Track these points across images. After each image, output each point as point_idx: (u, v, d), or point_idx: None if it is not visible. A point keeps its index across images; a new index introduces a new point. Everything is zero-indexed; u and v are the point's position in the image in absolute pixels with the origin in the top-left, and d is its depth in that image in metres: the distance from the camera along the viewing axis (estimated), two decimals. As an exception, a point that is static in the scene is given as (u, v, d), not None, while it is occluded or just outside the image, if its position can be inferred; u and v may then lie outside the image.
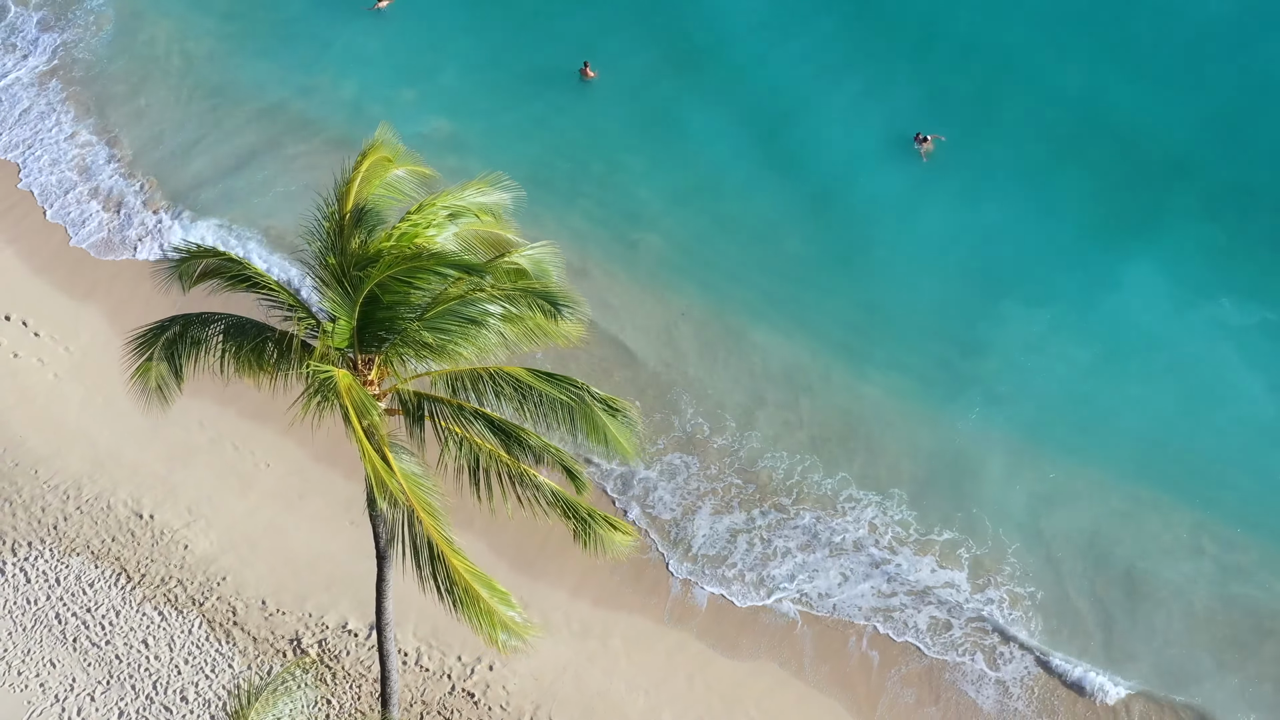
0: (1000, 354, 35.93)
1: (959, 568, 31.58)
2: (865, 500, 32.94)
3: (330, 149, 41.94)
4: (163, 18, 46.84)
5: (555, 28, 45.21)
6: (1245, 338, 35.80)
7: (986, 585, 31.28)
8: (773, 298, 37.70)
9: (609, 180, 40.97)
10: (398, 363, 19.91)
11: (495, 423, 20.13)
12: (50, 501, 32.59)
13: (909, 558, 31.78)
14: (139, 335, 20.52)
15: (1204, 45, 43.72)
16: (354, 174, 20.46)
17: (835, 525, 32.53)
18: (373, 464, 18.42)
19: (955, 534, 32.18)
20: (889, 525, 32.43)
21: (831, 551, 32.02)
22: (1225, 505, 32.58)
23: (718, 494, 33.27)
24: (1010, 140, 41.13)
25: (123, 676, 29.37)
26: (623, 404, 20.25)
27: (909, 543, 32.11)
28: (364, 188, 20.41)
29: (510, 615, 20.11)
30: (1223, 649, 30.22)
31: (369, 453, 18.46)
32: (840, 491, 33.15)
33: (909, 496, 32.94)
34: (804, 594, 31.35)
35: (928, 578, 31.41)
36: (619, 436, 19.91)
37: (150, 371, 20.05)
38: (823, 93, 43.15)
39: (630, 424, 20.10)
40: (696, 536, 32.49)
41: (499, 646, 20.06)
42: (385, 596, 23.21)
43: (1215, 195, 39.38)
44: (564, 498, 20.07)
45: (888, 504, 32.83)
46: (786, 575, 31.67)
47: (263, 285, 19.98)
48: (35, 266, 38.81)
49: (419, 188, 21.44)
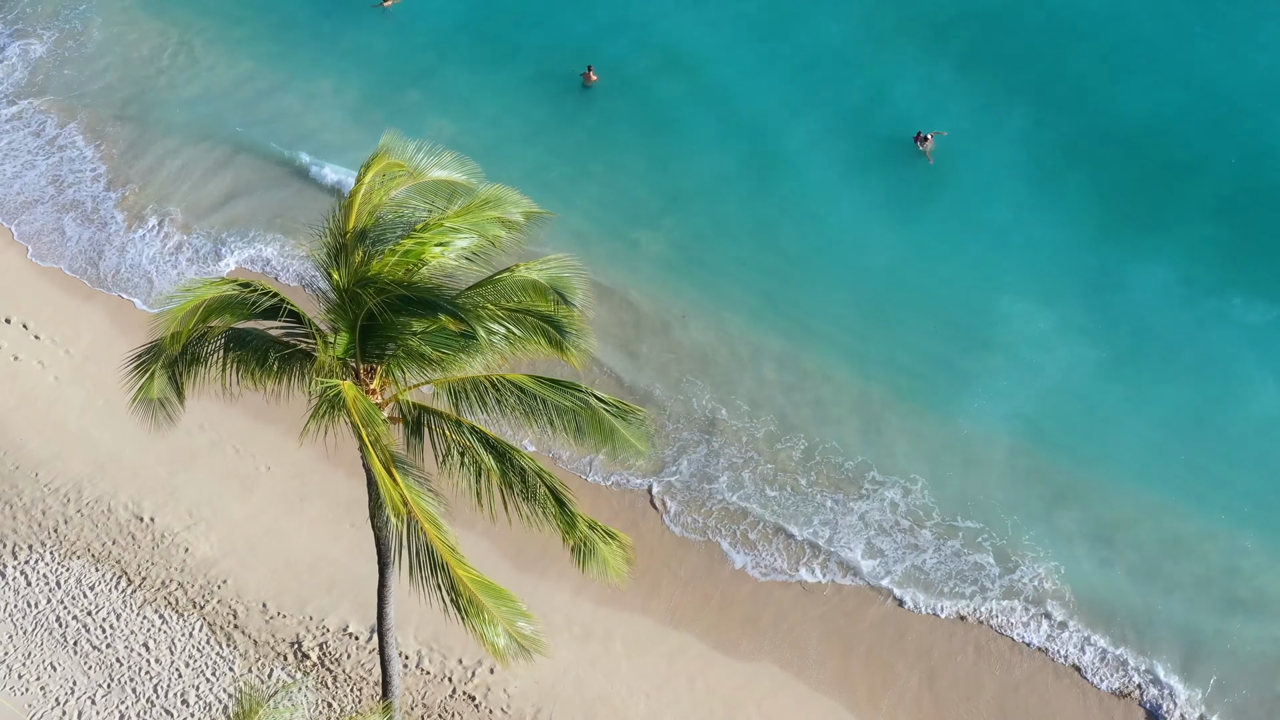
0: (1006, 352, 35.94)
1: (984, 553, 31.88)
2: (888, 483, 33.28)
3: (332, 150, 42.12)
4: (163, 20, 46.88)
5: (557, 32, 45.35)
6: (1258, 335, 35.97)
7: (1013, 571, 31.51)
8: (772, 298, 37.75)
9: (609, 180, 41.06)
10: (399, 373, 19.84)
11: (490, 440, 20.05)
12: (51, 504, 32.59)
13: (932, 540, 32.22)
14: (136, 356, 20.30)
15: (1207, 45, 43.81)
16: (357, 185, 20.27)
17: (855, 505, 33.00)
18: (383, 479, 18.36)
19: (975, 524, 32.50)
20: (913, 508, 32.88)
21: (856, 526, 32.55)
22: (1231, 502, 32.63)
23: (736, 468, 33.77)
24: (1017, 140, 41.17)
25: (123, 680, 29.37)
26: (631, 407, 20.10)
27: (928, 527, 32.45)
28: (371, 197, 20.15)
29: (520, 625, 20.05)
30: (1234, 628, 30.53)
31: (378, 468, 18.39)
32: (864, 474, 33.55)
33: (930, 484, 33.28)
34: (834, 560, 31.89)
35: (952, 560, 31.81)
36: (629, 437, 19.76)
37: (151, 391, 19.83)
38: (821, 95, 43.22)
39: (640, 425, 19.97)
40: (714, 500, 33.07)
41: (501, 658, 19.99)
42: (387, 602, 23.21)
43: (1224, 194, 39.41)
44: (563, 509, 19.94)
45: (911, 488, 33.19)
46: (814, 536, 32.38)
47: (275, 309, 19.59)
48: (36, 269, 38.80)
49: (433, 195, 20.96)
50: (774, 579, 31.72)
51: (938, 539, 32.21)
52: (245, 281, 19.71)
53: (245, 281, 19.71)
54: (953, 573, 31.59)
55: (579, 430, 19.65)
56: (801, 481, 33.50)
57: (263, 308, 19.46)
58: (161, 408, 20.07)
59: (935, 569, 31.68)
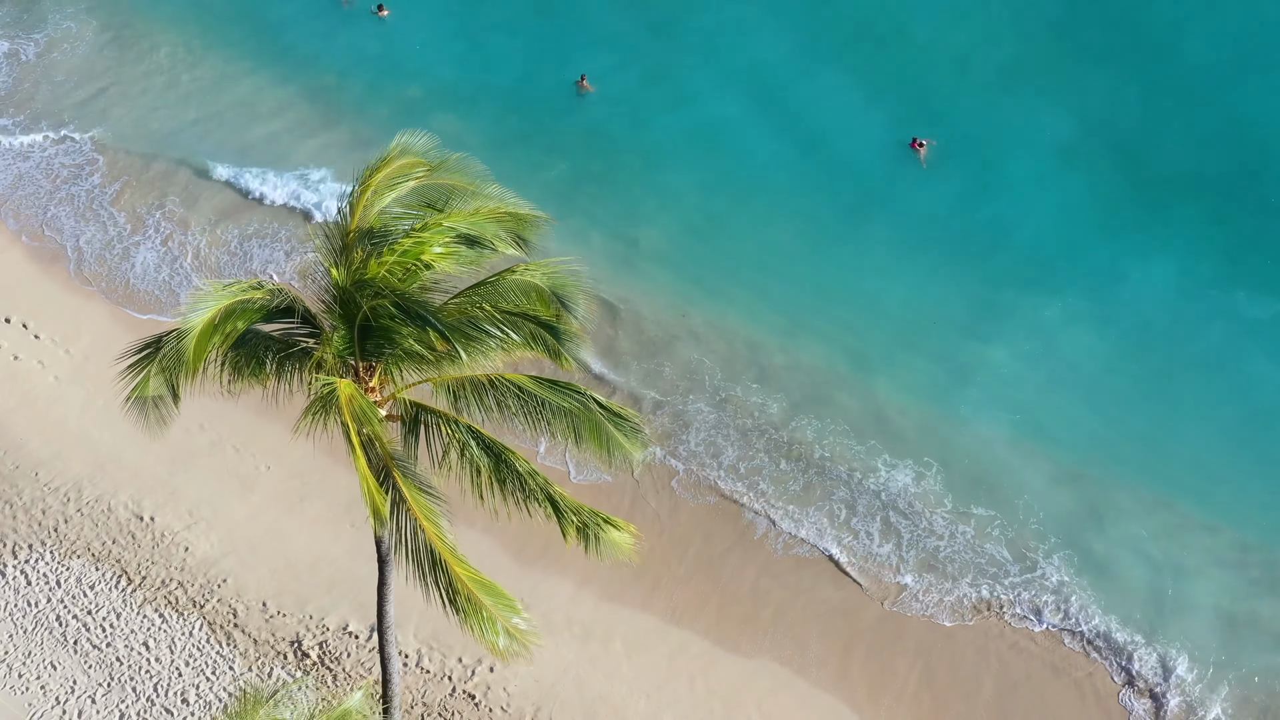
0: (1008, 351, 36.12)
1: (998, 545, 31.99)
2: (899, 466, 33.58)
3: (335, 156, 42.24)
4: (161, 27, 47.09)
5: (552, 41, 45.60)
6: (1263, 331, 36.09)
7: (1018, 568, 31.59)
8: (771, 298, 37.81)
9: (608, 180, 41.15)
10: (397, 372, 19.82)
11: (486, 440, 20.00)
12: (51, 504, 32.60)
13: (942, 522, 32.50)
14: (132, 355, 20.20)
15: (1213, 46, 43.90)
16: (365, 184, 20.09)
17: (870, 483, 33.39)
18: (366, 479, 18.35)
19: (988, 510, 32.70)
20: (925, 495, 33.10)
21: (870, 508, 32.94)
22: (1233, 499, 32.69)
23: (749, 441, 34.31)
24: (1014, 145, 41.34)
25: (124, 679, 29.38)
26: (628, 413, 20.06)
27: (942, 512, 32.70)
28: (376, 199, 20.03)
29: (515, 622, 20.01)
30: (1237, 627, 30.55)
31: (362, 467, 18.36)
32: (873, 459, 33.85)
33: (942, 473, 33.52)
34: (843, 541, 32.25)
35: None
36: (624, 443, 19.74)
37: (146, 391, 19.65)
38: (821, 98, 43.31)
39: (635, 432, 19.92)
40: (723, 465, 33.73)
41: (500, 654, 19.99)
42: (386, 600, 23.21)
43: (1226, 193, 39.57)
44: (563, 503, 19.90)
45: (925, 472, 33.46)
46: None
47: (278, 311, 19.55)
48: (36, 269, 38.83)
49: (434, 196, 20.86)
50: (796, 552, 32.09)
51: (930, 531, 32.35)
52: (257, 284, 19.67)
53: (257, 284, 19.67)
54: (958, 564, 31.70)
55: (576, 434, 19.63)
56: (799, 480, 33.63)
57: (278, 309, 19.46)
58: (156, 407, 19.86)
59: (928, 564, 31.80)
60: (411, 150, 20.66)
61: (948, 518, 32.60)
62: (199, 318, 18.61)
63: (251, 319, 19.29)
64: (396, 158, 20.56)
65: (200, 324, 18.56)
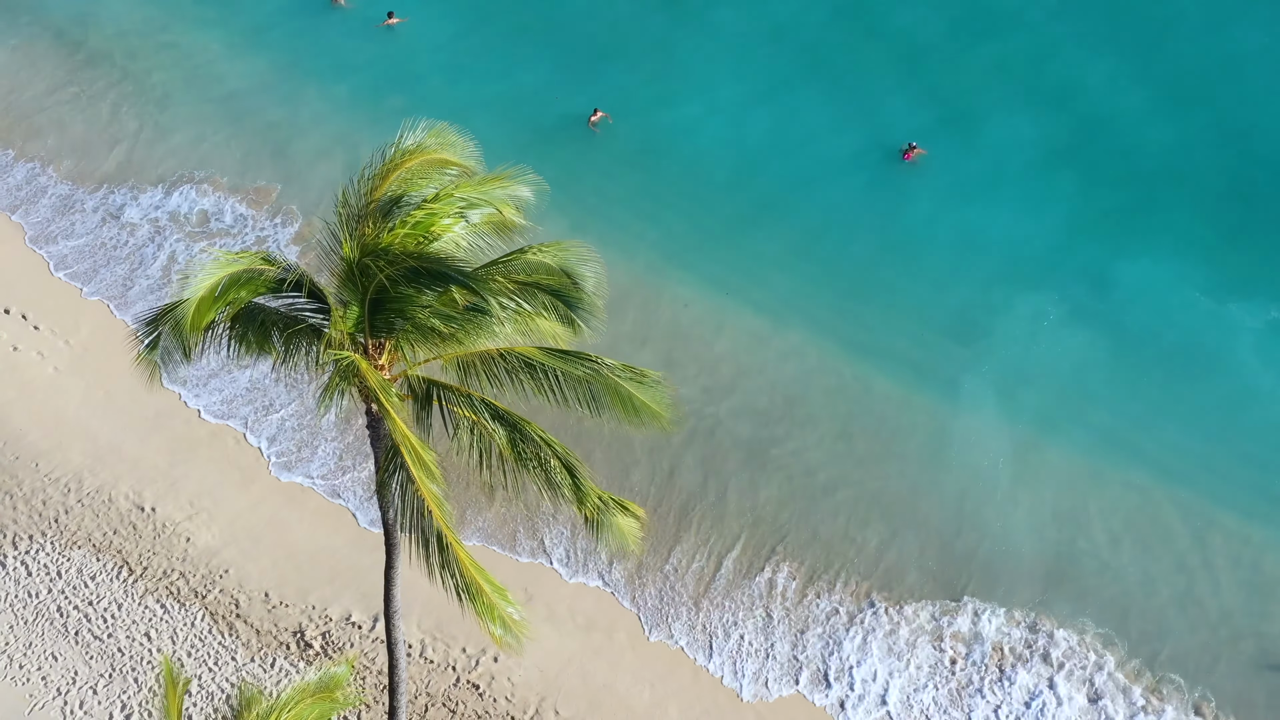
0: (1006, 351, 36.00)
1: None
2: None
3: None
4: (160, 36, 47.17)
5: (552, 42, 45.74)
6: (1258, 336, 35.96)
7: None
8: (771, 299, 37.76)
9: (607, 178, 41.13)
10: (408, 348, 19.69)
11: (500, 412, 19.80)
12: (51, 495, 32.43)
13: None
14: (142, 321, 20.08)
15: (1211, 44, 43.97)
16: (391, 164, 19.76)
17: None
18: (407, 441, 18.07)
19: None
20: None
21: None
22: (1234, 499, 32.56)
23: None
24: (1007, 148, 41.34)
25: (125, 669, 29.20)
26: (648, 371, 19.64)
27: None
28: (403, 184, 19.77)
29: (509, 611, 19.82)
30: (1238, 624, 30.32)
31: (403, 431, 18.07)
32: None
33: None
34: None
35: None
36: (649, 404, 19.25)
37: (155, 355, 19.44)
38: (819, 102, 43.36)
39: (658, 390, 19.41)
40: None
41: (501, 643, 19.79)
42: (394, 584, 23.01)
43: (1219, 196, 39.49)
44: (576, 482, 19.68)
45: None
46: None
47: (284, 283, 19.36)
48: (35, 260, 38.67)
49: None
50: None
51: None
52: (267, 256, 19.54)
53: (267, 256, 19.54)
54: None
55: (594, 400, 19.27)
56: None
57: (285, 282, 19.28)
58: (164, 364, 19.57)
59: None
60: (449, 144, 20.44)
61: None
62: (204, 280, 18.46)
63: (258, 290, 19.12)
64: (426, 153, 20.30)
65: (205, 286, 18.40)
